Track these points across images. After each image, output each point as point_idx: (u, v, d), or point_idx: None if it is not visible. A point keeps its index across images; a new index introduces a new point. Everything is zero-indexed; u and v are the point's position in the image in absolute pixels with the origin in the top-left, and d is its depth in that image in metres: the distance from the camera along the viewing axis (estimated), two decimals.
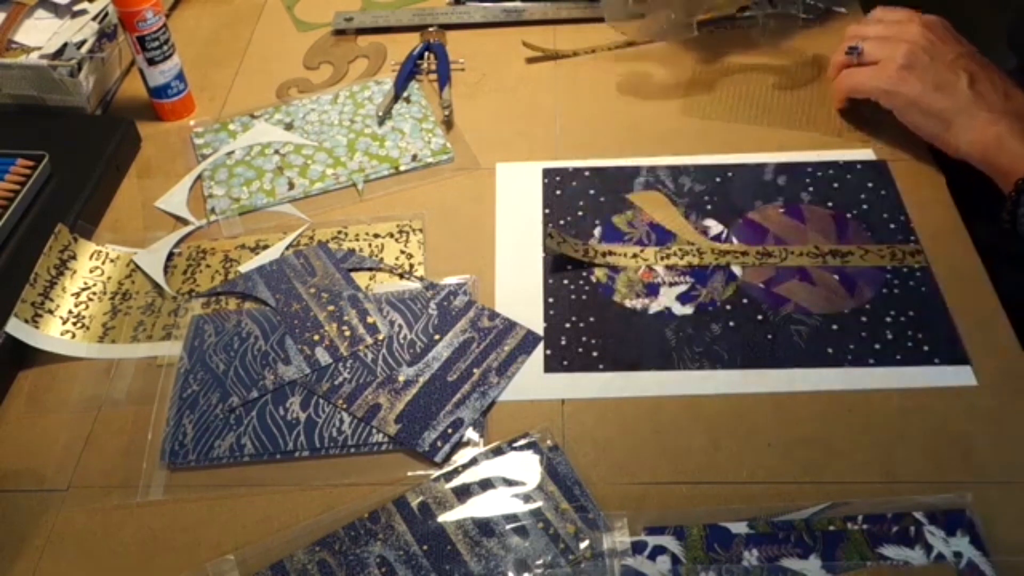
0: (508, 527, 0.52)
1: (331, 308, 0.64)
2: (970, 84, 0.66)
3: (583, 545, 0.51)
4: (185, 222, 0.73)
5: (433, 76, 0.85)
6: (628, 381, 0.59)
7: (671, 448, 0.55)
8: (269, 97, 0.85)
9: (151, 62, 0.79)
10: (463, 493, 0.54)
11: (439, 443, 0.56)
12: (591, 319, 0.63)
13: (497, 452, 0.56)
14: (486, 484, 0.54)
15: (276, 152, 0.78)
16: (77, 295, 0.67)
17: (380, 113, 0.80)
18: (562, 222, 0.70)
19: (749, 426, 0.56)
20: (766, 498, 0.52)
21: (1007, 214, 0.62)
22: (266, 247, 0.70)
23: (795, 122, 0.77)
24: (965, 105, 0.65)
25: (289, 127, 0.81)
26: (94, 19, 0.83)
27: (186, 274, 0.69)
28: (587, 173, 0.74)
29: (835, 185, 0.71)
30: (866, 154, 0.73)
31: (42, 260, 0.66)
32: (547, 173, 0.74)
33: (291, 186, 0.75)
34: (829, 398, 0.57)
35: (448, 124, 0.80)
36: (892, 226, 0.67)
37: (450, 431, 0.57)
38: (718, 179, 0.72)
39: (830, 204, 0.69)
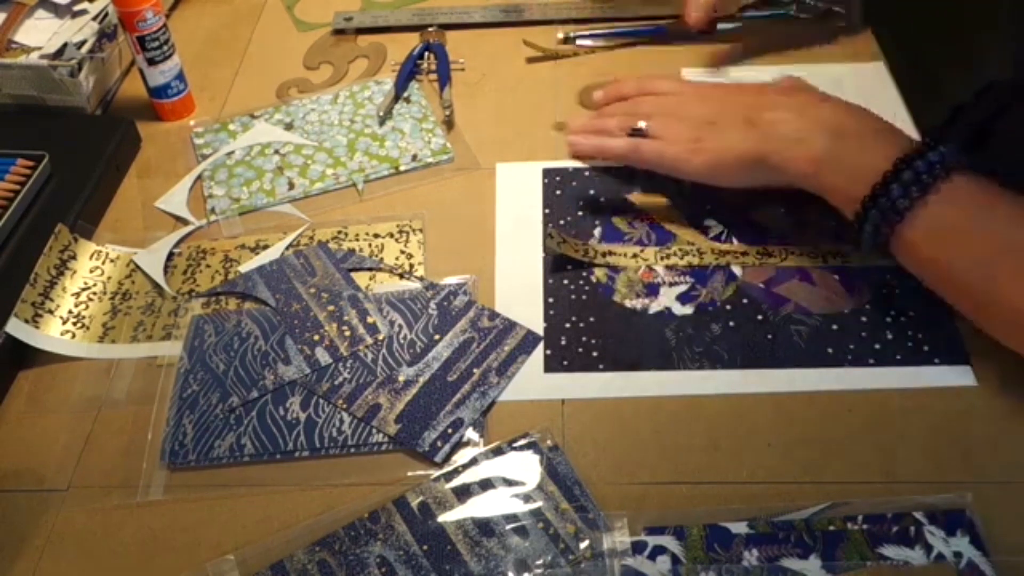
0: (508, 527, 0.52)
1: (331, 308, 0.64)
2: (760, 120, 0.62)
3: (583, 545, 0.51)
4: (185, 222, 0.73)
5: (433, 76, 0.85)
6: (628, 381, 0.59)
7: (671, 448, 0.56)
8: (269, 97, 0.85)
9: (151, 62, 0.79)
10: (463, 493, 0.54)
11: (439, 443, 0.56)
12: (591, 319, 0.63)
13: (497, 452, 0.56)
14: (486, 484, 0.54)
15: (276, 152, 0.78)
16: (77, 295, 0.67)
17: (381, 113, 0.80)
18: (562, 222, 0.70)
19: (749, 426, 0.56)
20: (766, 498, 0.52)
21: (853, 232, 0.58)
22: (266, 247, 0.70)
23: None
24: (770, 141, 0.61)
25: (289, 127, 0.81)
26: (94, 19, 0.83)
27: (186, 274, 0.69)
28: (587, 173, 0.74)
29: None
30: None
31: (42, 260, 0.66)
32: (547, 173, 0.74)
33: (291, 186, 0.75)
34: (829, 398, 0.57)
35: (449, 124, 0.80)
36: None
37: (450, 431, 0.57)
38: None
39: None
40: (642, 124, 0.69)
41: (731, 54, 0.83)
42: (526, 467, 0.55)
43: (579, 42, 0.88)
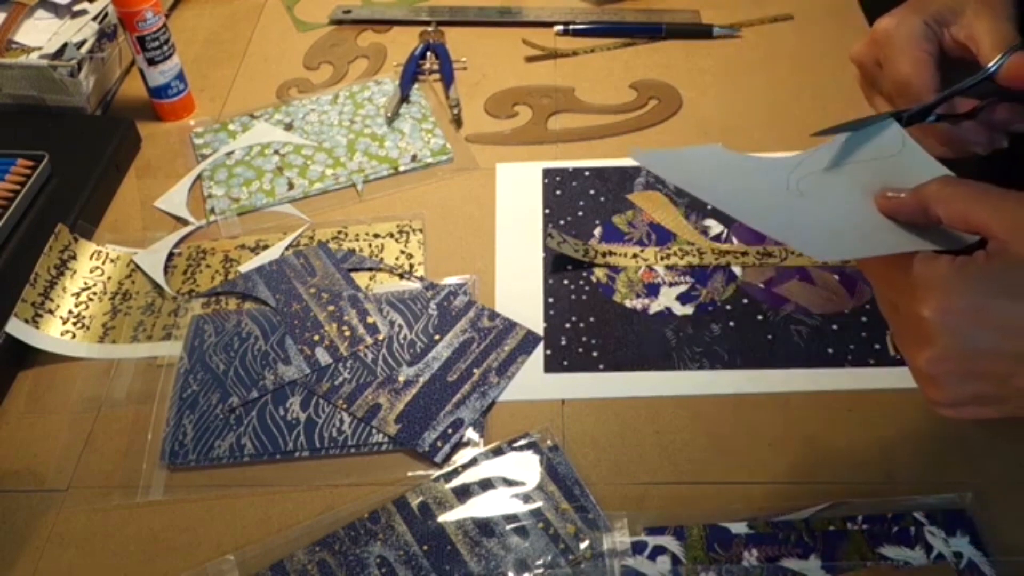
0: (508, 527, 0.52)
1: (331, 308, 0.64)
2: None
3: (583, 545, 0.51)
4: (185, 222, 0.73)
5: (434, 76, 0.85)
6: (628, 381, 0.59)
7: (671, 448, 0.55)
8: (269, 97, 0.85)
9: (151, 62, 0.79)
10: (463, 493, 0.54)
11: (439, 443, 0.56)
12: (591, 319, 0.63)
13: (497, 452, 0.56)
14: (486, 484, 0.54)
15: (276, 152, 0.78)
16: (77, 295, 0.67)
17: (388, 115, 0.80)
18: (562, 222, 0.70)
19: (749, 426, 0.56)
20: (766, 498, 0.52)
21: None
22: (266, 247, 0.70)
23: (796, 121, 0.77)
24: None
25: (289, 127, 0.81)
26: (94, 19, 0.83)
27: (186, 274, 0.69)
28: (587, 173, 0.74)
29: None
30: None
31: (42, 260, 0.66)
32: (547, 173, 0.74)
33: (291, 186, 0.75)
34: (829, 398, 0.57)
35: (458, 122, 0.80)
36: None
37: (450, 431, 0.57)
38: None
39: None
40: None
41: None
42: (526, 467, 0.55)
43: (576, 35, 0.88)
